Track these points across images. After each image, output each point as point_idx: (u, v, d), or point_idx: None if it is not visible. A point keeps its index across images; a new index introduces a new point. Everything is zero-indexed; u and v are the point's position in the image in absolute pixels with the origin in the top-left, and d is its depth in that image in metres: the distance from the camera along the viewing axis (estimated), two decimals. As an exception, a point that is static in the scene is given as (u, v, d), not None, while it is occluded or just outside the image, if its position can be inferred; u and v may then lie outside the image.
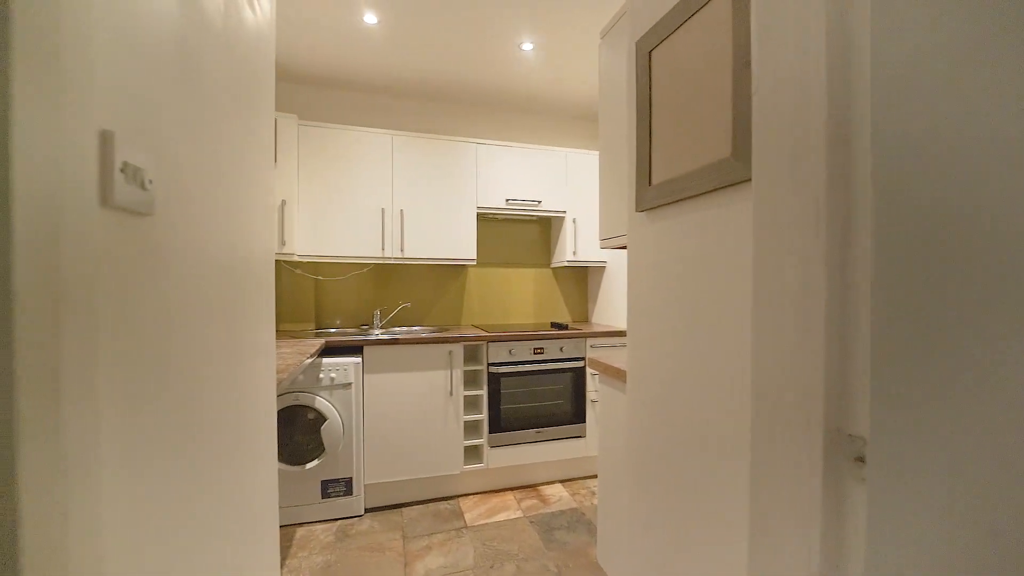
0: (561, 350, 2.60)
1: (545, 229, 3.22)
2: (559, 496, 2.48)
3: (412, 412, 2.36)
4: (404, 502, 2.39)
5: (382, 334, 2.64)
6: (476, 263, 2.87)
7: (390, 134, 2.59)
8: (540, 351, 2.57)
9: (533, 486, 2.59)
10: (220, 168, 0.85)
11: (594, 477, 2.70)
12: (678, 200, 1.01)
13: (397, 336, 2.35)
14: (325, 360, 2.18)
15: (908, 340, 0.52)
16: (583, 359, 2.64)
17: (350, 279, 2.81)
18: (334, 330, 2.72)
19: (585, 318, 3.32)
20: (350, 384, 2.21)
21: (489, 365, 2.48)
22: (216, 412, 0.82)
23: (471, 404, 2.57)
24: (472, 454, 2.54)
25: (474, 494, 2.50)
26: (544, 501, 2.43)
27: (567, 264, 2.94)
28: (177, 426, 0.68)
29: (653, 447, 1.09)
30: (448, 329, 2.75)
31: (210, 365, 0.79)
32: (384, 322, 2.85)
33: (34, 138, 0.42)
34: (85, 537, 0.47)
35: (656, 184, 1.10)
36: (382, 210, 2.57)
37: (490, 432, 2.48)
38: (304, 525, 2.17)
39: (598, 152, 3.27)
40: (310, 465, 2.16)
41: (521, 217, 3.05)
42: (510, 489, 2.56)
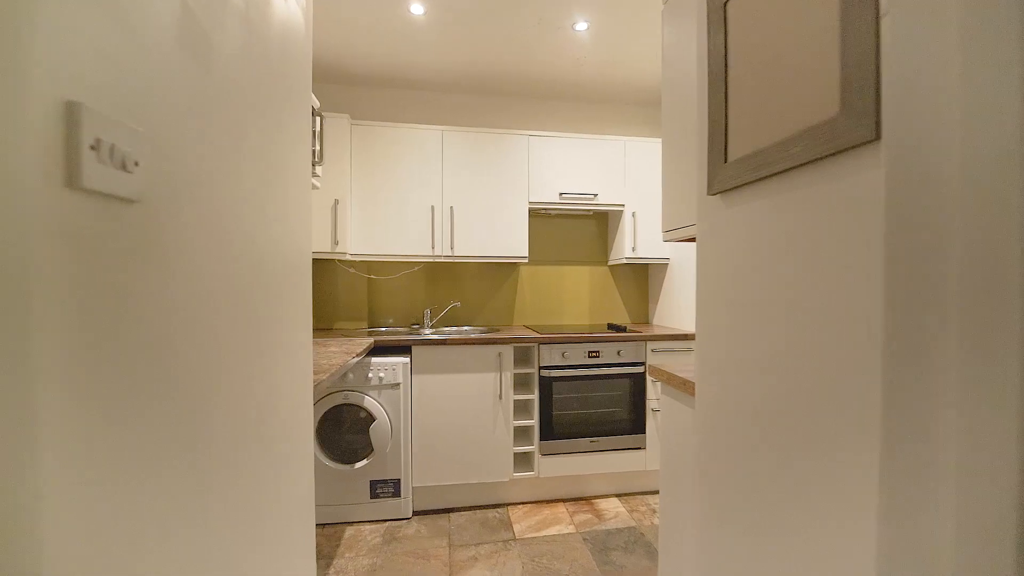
0: (619, 354, 2.41)
1: (601, 224, 3.03)
2: (615, 512, 2.30)
3: (460, 415, 2.28)
4: (452, 507, 2.32)
5: (431, 334, 2.59)
6: (528, 261, 2.75)
7: (440, 129, 2.53)
8: (596, 354, 2.39)
9: (587, 499, 2.43)
10: (241, 161, 0.79)
11: (655, 493, 2.48)
12: (764, 177, 0.82)
13: (445, 336, 2.28)
14: (374, 360, 2.16)
15: None
16: (643, 364, 2.43)
17: (401, 278, 2.80)
18: (384, 329, 2.72)
19: (645, 319, 3.09)
20: (398, 384, 2.17)
21: (540, 368, 2.34)
22: (233, 414, 0.75)
23: (521, 409, 2.45)
24: (522, 461, 2.42)
25: (524, 503, 2.38)
26: (599, 516, 2.25)
27: (626, 261, 2.73)
28: (181, 427, 0.61)
29: (733, 478, 0.90)
30: (499, 330, 2.65)
31: (226, 365, 0.73)
32: (434, 322, 2.81)
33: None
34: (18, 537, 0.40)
35: (734, 161, 0.92)
36: (432, 207, 2.52)
37: (541, 439, 2.35)
38: (353, 524, 2.16)
39: (660, 138, 3.03)
40: (359, 464, 2.15)
41: (576, 212, 2.89)
42: (562, 500, 2.41)
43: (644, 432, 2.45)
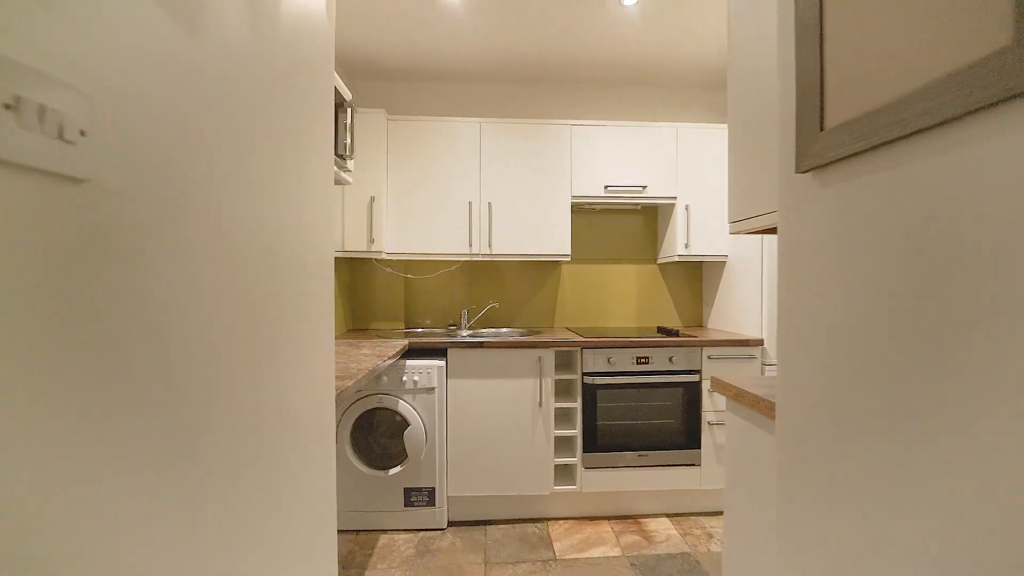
0: (671, 360, 2.20)
1: (650, 219, 2.81)
2: (666, 534, 2.09)
3: (497, 423, 2.15)
4: (489, 519, 2.20)
5: (468, 336, 2.48)
6: (570, 259, 2.59)
7: (477, 121, 2.42)
8: (645, 360, 2.19)
9: (634, 518, 2.23)
10: (244, 148, 0.69)
11: (711, 515, 2.25)
12: (879, 144, 0.63)
13: (482, 339, 2.17)
14: (408, 362, 2.08)
15: None
16: (698, 372, 2.21)
17: (438, 277, 2.71)
18: (421, 330, 2.64)
19: (699, 323, 2.84)
20: (433, 389, 2.08)
21: (584, 375, 2.17)
22: (234, 419, 0.66)
23: (563, 417, 2.29)
24: (563, 474, 2.26)
25: (565, 519, 2.22)
26: (648, 538, 2.06)
27: (677, 259, 2.51)
28: (169, 436, 0.51)
29: (828, 534, 0.71)
30: (539, 332, 2.50)
31: (226, 369, 0.63)
32: (471, 323, 2.70)
33: None
34: None
35: (833, 128, 0.72)
36: (469, 203, 2.41)
37: (584, 451, 2.18)
38: (387, 532, 2.08)
39: (724, 118, 2.76)
40: (393, 471, 2.07)
41: (622, 206, 2.69)
42: (606, 518, 2.23)
43: (699, 447, 2.22)
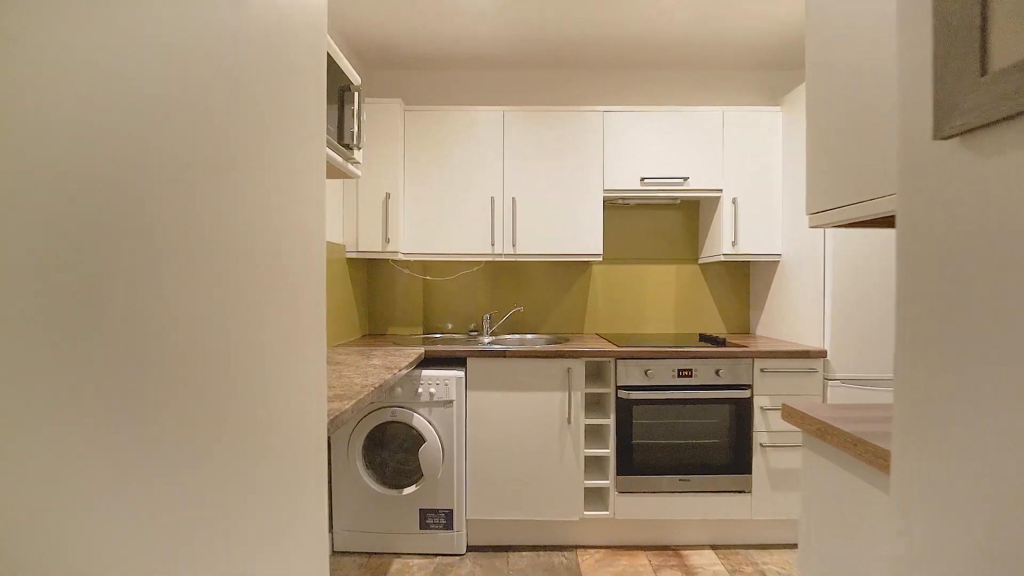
0: (717, 373, 1.95)
1: (691, 214, 2.55)
2: (712, 570, 1.84)
3: (522, 440, 1.96)
4: (511, 545, 2.00)
5: (491, 343, 2.29)
6: (602, 259, 2.36)
7: (500, 110, 2.22)
8: (687, 373, 1.95)
9: (674, 549, 1.99)
10: (217, 139, 0.52)
11: (763, 548, 1.98)
12: None
13: (505, 347, 1.97)
14: (424, 372, 1.90)
15: None
16: (748, 387, 1.95)
17: (459, 279, 2.54)
18: (439, 336, 2.47)
19: (745, 329, 2.56)
20: (451, 402, 1.90)
21: (618, 388, 1.95)
22: (172, 448, 0.48)
23: (594, 435, 2.07)
24: (594, 498, 2.04)
25: (596, 548, 2.00)
26: (690, 574, 1.82)
27: (723, 259, 2.24)
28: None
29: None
30: (568, 339, 2.29)
31: (176, 384, 0.46)
32: (494, 328, 2.51)
33: None
34: None
35: (1008, 69, 0.49)
36: (491, 199, 2.22)
37: (618, 473, 1.95)
38: (400, 556, 1.92)
39: (776, 100, 2.46)
40: (407, 490, 1.91)
41: (660, 201, 2.44)
42: (642, 548, 1.99)
43: (749, 471, 1.96)
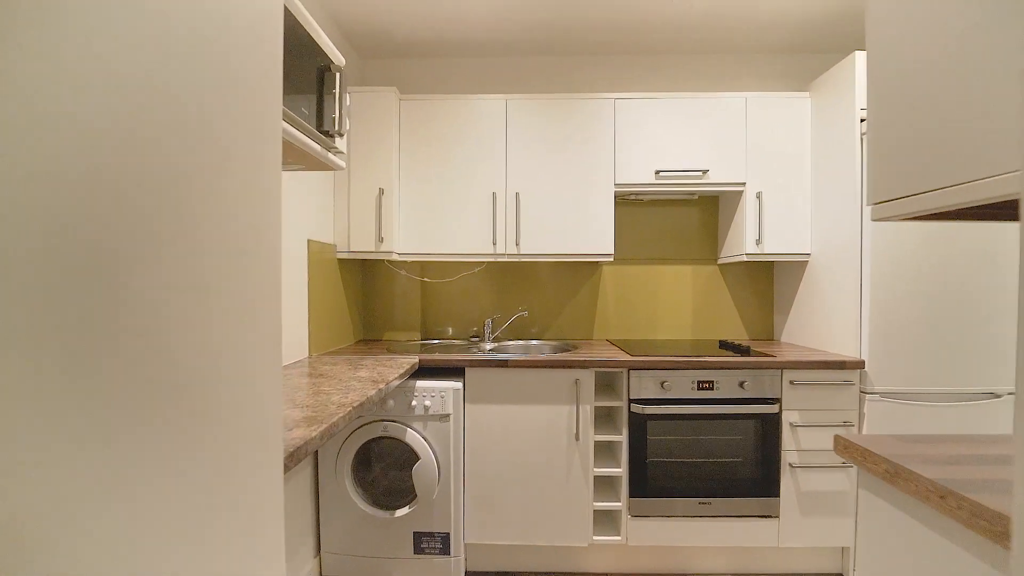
0: (742, 386, 1.76)
1: (710, 210, 2.36)
2: (738, 606, 1.66)
3: (525, 458, 1.79)
4: (513, 572, 1.84)
5: (491, 351, 2.13)
6: (613, 259, 2.18)
7: (503, 98, 2.06)
8: (708, 385, 1.77)
9: (695, 579, 1.81)
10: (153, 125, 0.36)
11: (793, 580, 1.79)
12: None
13: (507, 356, 1.80)
14: (419, 383, 1.74)
15: None
16: (777, 401, 1.76)
17: (459, 281, 2.37)
18: (437, 342, 2.31)
19: (769, 335, 2.36)
20: (448, 416, 1.73)
21: (631, 402, 1.77)
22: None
23: (605, 453, 1.90)
24: (605, 522, 1.86)
25: (608, 576, 1.82)
26: (714, 611, 1.63)
27: (745, 258, 2.05)
28: None
29: None
30: (576, 346, 2.11)
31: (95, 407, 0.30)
32: (497, 333, 2.34)
33: None
34: None
35: None
36: (493, 195, 2.06)
37: (631, 495, 1.78)
38: (394, 585, 1.76)
39: (804, 86, 2.25)
40: (400, 512, 1.74)
41: (676, 196, 2.26)
42: (660, 578, 1.82)
43: (777, 495, 1.77)
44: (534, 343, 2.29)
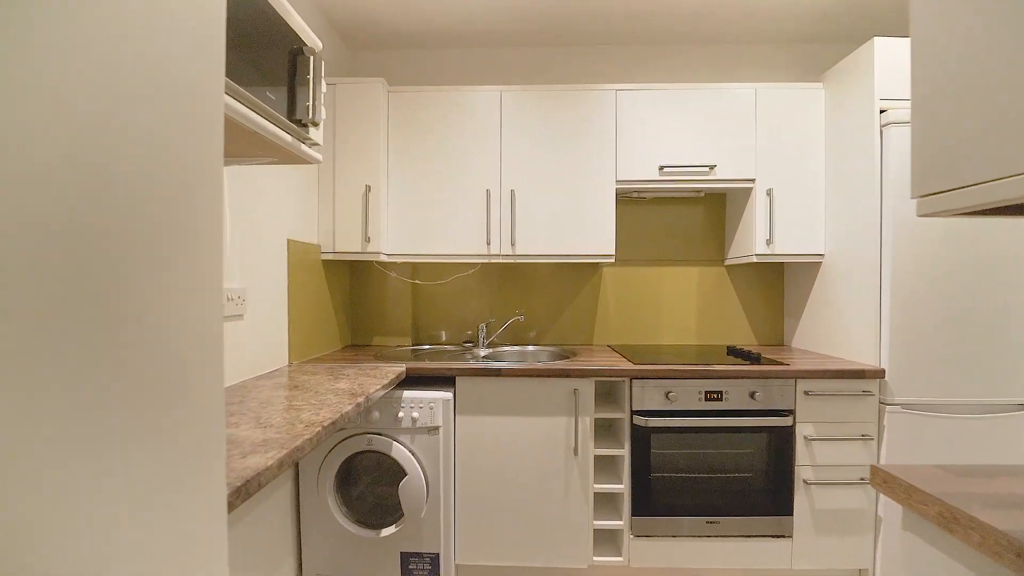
0: (753, 396, 1.64)
1: (717, 209, 2.24)
2: (749, 634, 1.54)
3: (520, 473, 1.67)
4: (509, 595, 1.72)
5: (485, 358, 2.02)
6: (614, 260, 2.06)
7: (498, 90, 1.94)
8: (716, 396, 1.65)
9: (702, 603, 1.69)
10: None
11: (808, 604, 1.67)
12: None
13: (500, 365, 1.69)
14: (406, 393, 1.63)
15: None
16: (790, 413, 1.64)
17: (452, 283, 2.26)
18: (427, 348, 2.19)
19: (779, 341, 2.24)
20: (437, 428, 1.62)
21: (634, 413, 1.65)
22: None
23: (606, 468, 1.78)
24: (606, 542, 1.74)
25: (609, 600, 1.70)
26: (723, 640, 1.51)
27: (755, 259, 1.93)
28: None
29: None
30: (575, 353, 1.99)
31: None
32: (491, 339, 2.22)
33: None
34: None
35: None
36: (487, 192, 1.94)
37: (634, 514, 1.66)
38: (379, 609, 1.64)
39: (817, 77, 2.13)
40: (386, 531, 1.63)
41: (681, 193, 2.14)
42: (665, 602, 1.70)
43: (790, 513, 1.65)
44: (531, 349, 2.17)
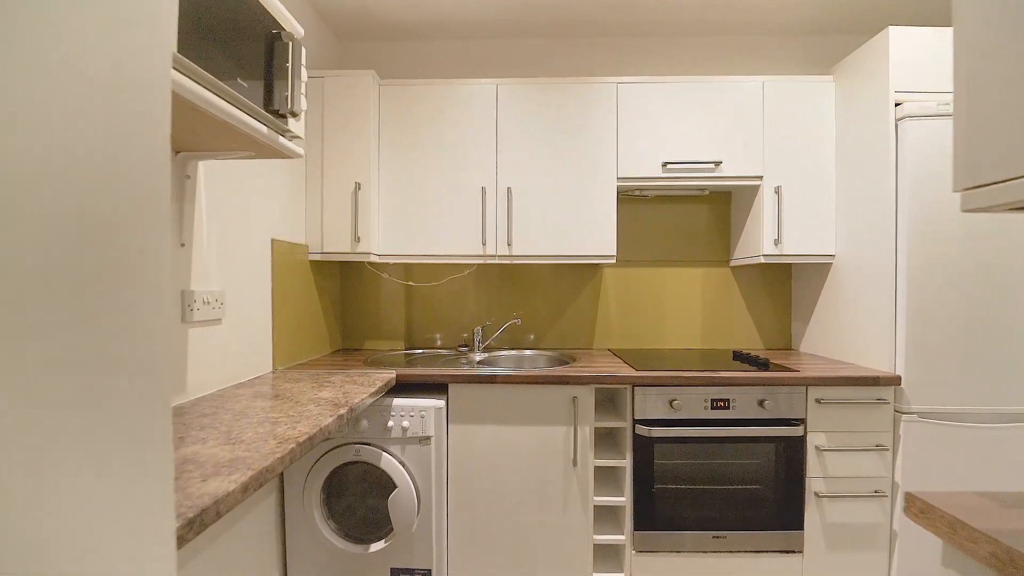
0: (762, 404, 1.56)
1: (722, 207, 2.15)
2: (758, 656, 1.45)
3: (516, 485, 1.59)
4: (505, 613, 1.63)
5: (482, 360, 1.93)
6: (616, 261, 1.97)
7: (493, 83, 1.86)
8: (723, 404, 1.56)
9: (708, 622, 1.60)
10: None
11: (819, 623, 1.58)
12: None
13: (495, 371, 1.60)
14: (396, 401, 1.54)
15: None
16: (801, 422, 1.55)
17: (447, 285, 2.17)
18: (420, 352, 2.11)
19: (787, 344, 2.15)
20: (429, 438, 1.53)
21: (636, 422, 1.57)
22: None
23: (606, 480, 1.70)
24: (607, 558, 1.66)
25: (610, 619, 1.62)
26: (731, 663, 1.43)
27: (762, 260, 1.85)
28: None
29: None
30: (575, 358, 1.91)
31: None
32: (487, 343, 2.14)
33: None
34: None
35: None
36: (482, 189, 1.86)
37: (636, 528, 1.57)
38: (368, 629, 1.56)
39: (827, 70, 2.03)
40: (375, 547, 1.55)
41: (685, 191, 2.05)
42: (669, 621, 1.61)
43: (801, 527, 1.57)
44: (528, 353, 2.09)
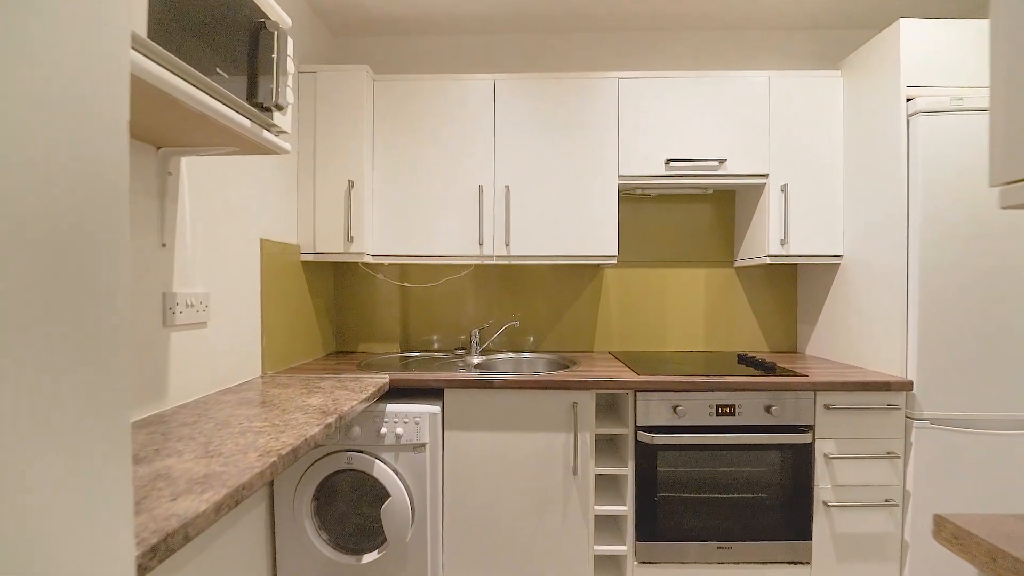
0: (768, 410, 1.50)
1: (726, 206, 2.10)
2: (765, 672, 1.40)
3: (514, 494, 1.53)
4: (503, 626, 1.58)
5: (479, 364, 1.88)
6: (617, 262, 1.92)
7: (491, 78, 1.81)
8: (728, 410, 1.51)
9: (713, 636, 1.55)
10: None
11: (828, 637, 1.53)
12: None
13: (492, 376, 1.55)
14: (390, 407, 1.49)
15: None
16: (809, 429, 1.50)
17: (443, 286, 2.12)
18: (416, 355, 2.05)
19: (792, 347, 2.10)
20: (423, 445, 1.48)
21: (638, 428, 1.52)
22: None
23: (607, 488, 1.64)
24: (608, 568, 1.61)
25: (611, 632, 1.56)
26: None
27: (769, 261, 1.79)
28: None
29: None
30: (575, 361, 1.85)
31: None
32: (485, 346, 2.09)
33: None
34: None
35: None
36: (479, 188, 1.80)
37: (638, 538, 1.52)
38: (360, 643, 1.51)
39: (834, 64, 1.96)
40: (368, 558, 1.49)
41: (688, 190, 2.00)
42: (672, 635, 1.56)
43: (809, 537, 1.51)
44: (527, 356, 2.03)
